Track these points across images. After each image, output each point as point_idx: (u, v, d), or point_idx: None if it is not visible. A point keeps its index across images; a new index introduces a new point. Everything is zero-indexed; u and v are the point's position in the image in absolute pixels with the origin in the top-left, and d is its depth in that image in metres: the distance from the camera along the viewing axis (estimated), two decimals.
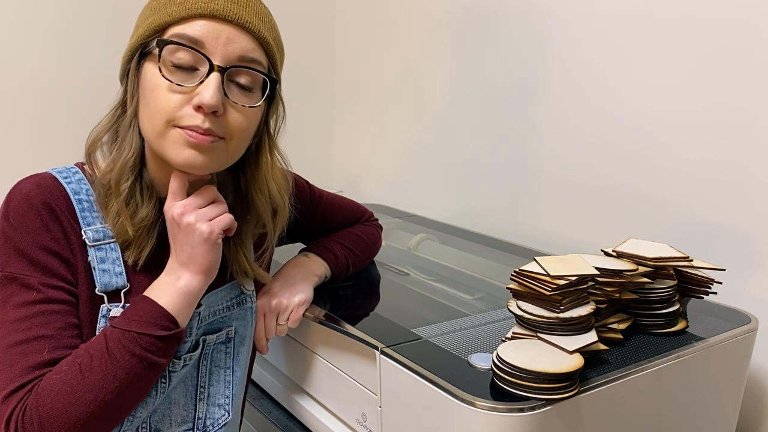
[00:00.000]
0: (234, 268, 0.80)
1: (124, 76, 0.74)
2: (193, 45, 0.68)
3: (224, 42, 0.69)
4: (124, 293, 0.72)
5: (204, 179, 0.77)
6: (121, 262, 0.73)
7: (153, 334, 0.66)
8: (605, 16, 1.14)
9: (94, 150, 0.74)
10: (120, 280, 0.72)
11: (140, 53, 0.71)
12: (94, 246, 0.71)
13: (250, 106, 0.72)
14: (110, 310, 0.71)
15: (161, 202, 0.76)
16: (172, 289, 0.70)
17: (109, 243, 0.72)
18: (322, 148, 1.86)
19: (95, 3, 1.38)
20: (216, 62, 0.68)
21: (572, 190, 1.23)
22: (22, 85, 1.33)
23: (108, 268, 0.72)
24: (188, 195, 0.74)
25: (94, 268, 0.71)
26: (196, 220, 0.71)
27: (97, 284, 0.71)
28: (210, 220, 0.72)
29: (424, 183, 1.58)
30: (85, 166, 0.76)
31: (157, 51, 0.69)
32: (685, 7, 1.02)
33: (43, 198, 0.70)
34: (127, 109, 0.73)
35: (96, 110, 0.76)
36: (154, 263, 0.75)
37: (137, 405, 0.70)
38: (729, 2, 0.97)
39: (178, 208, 0.71)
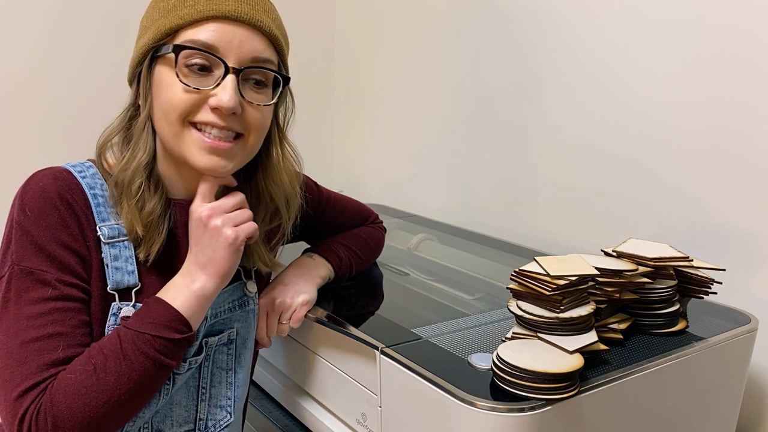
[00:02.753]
0: (254, 260, 0.81)
1: (135, 78, 0.74)
2: (208, 49, 0.69)
3: (237, 44, 0.70)
4: (135, 292, 0.72)
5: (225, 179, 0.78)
6: (134, 260, 0.73)
7: (167, 336, 0.67)
8: (606, 16, 1.14)
9: (104, 151, 0.74)
10: (132, 279, 0.72)
11: (151, 56, 0.71)
12: (108, 243, 0.71)
13: (265, 105, 0.74)
14: (121, 309, 0.71)
15: (168, 199, 0.76)
16: (187, 291, 0.70)
17: (123, 241, 0.72)
18: (323, 147, 1.86)
19: (97, 1, 1.39)
20: (231, 64, 0.70)
21: (572, 190, 1.23)
22: (20, 85, 1.33)
23: (121, 266, 0.72)
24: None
25: (107, 266, 0.71)
26: (223, 224, 0.71)
27: (108, 282, 0.71)
28: (236, 226, 0.72)
29: (425, 183, 1.58)
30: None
31: (171, 56, 0.69)
32: (686, 9, 1.02)
33: (60, 191, 0.70)
34: (139, 111, 0.73)
35: (96, 109, 0.76)
36: (165, 263, 0.75)
37: (146, 405, 0.70)
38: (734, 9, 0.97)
39: (205, 210, 0.72)
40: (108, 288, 0.71)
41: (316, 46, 1.79)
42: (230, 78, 0.69)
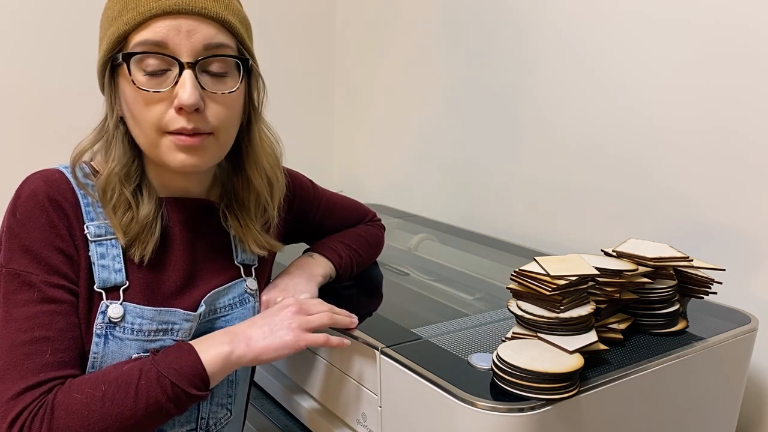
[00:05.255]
0: (249, 245, 0.82)
1: (102, 90, 0.75)
2: (157, 49, 0.68)
3: (185, 35, 0.68)
4: (123, 291, 0.72)
5: (207, 171, 0.79)
6: (122, 259, 0.73)
7: (184, 388, 0.67)
8: (604, 17, 1.14)
9: (75, 164, 0.74)
10: (119, 277, 0.72)
11: (110, 66, 0.71)
12: (95, 241, 0.71)
13: (229, 92, 0.72)
14: (108, 307, 0.71)
15: (159, 198, 0.77)
16: (220, 349, 0.71)
17: (110, 239, 0.72)
18: (323, 148, 1.86)
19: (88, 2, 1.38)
20: (184, 59, 0.68)
21: (572, 190, 1.23)
22: (18, 86, 1.33)
23: (107, 264, 0.72)
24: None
25: (94, 264, 0.71)
26: (298, 325, 0.75)
27: (95, 280, 0.71)
28: (306, 330, 0.75)
29: (425, 183, 1.58)
30: (92, 163, 0.76)
31: (125, 64, 0.69)
32: (684, 8, 1.02)
33: (50, 193, 0.70)
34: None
35: (95, 109, 0.76)
36: (155, 261, 0.75)
37: None
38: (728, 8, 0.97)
39: (293, 302, 0.78)
40: (95, 286, 0.71)
41: (316, 46, 1.79)
42: (186, 73, 0.68)
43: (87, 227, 0.71)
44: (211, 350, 0.70)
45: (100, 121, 0.75)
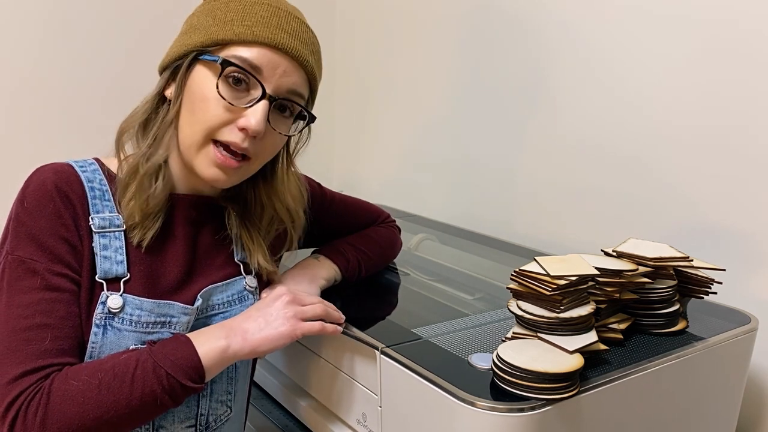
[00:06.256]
0: (256, 261, 0.83)
1: (170, 71, 0.76)
2: (253, 71, 0.72)
3: (280, 74, 0.73)
4: (124, 282, 0.73)
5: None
6: (124, 251, 0.74)
7: (179, 380, 0.68)
8: (605, 16, 1.14)
9: (122, 135, 0.76)
10: (120, 269, 0.73)
11: (193, 58, 0.74)
12: (99, 232, 0.73)
13: (286, 135, 0.77)
14: (108, 297, 0.71)
15: (171, 193, 0.78)
16: (216, 343, 0.71)
17: (114, 231, 0.74)
18: (323, 148, 1.86)
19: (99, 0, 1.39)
20: (268, 91, 0.72)
21: (572, 190, 1.23)
22: (25, 84, 1.33)
23: (110, 255, 0.73)
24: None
25: (97, 254, 0.72)
26: (293, 314, 0.76)
27: (97, 270, 0.72)
28: (302, 320, 0.76)
29: (425, 183, 1.58)
30: (104, 160, 0.78)
31: (218, 66, 0.71)
32: (686, 7, 1.02)
33: (58, 184, 0.72)
34: (164, 102, 0.76)
35: (99, 109, 0.77)
36: (157, 255, 0.76)
37: (137, 427, 0.72)
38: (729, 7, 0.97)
39: (286, 293, 0.78)
40: (96, 277, 0.72)
41: None
42: (264, 103, 0.72)
43: (92, 219, 0.73)
44: (208, 344, 0.71)
45: (150, 98, 0.77)
